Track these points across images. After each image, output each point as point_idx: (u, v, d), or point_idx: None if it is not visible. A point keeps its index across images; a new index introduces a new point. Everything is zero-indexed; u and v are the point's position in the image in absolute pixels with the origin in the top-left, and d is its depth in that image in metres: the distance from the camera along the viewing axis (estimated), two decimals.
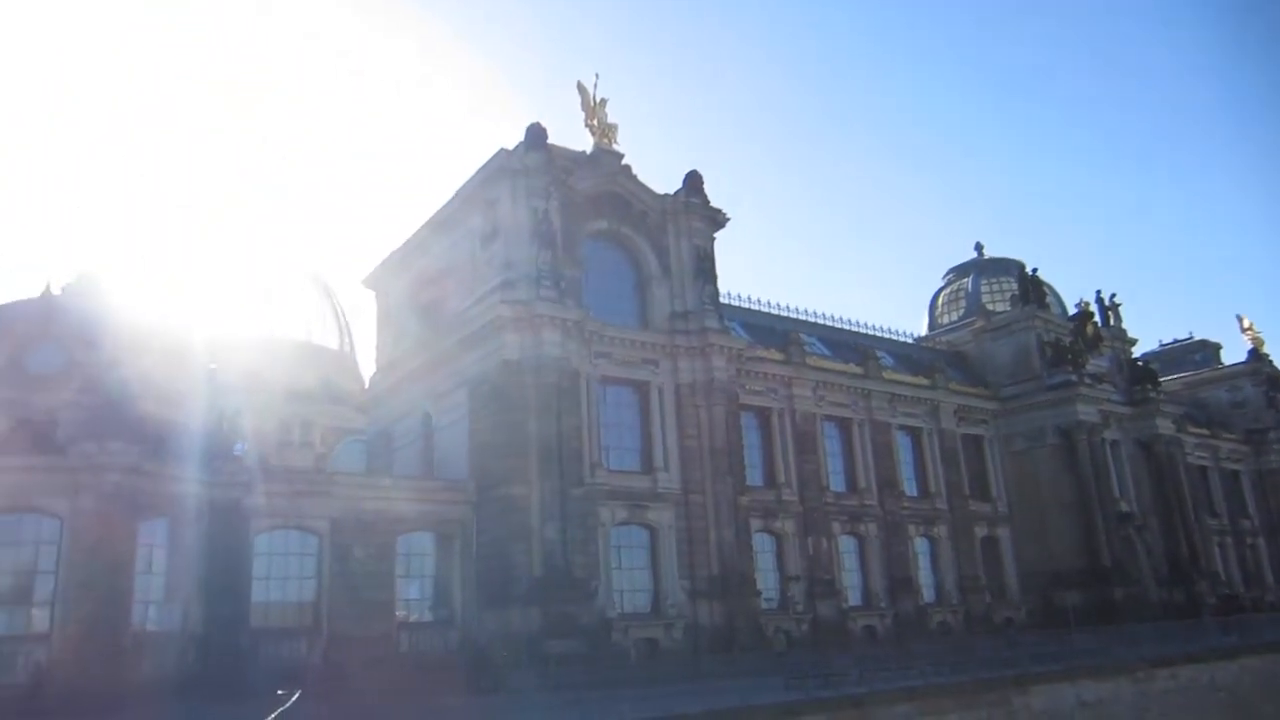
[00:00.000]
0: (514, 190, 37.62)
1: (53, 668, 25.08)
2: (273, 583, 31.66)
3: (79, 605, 25.63)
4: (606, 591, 35.35)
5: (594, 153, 41.39)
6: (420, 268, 44.35)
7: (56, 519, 26.34)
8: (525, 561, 33.32)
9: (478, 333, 36.79)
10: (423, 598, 35.11)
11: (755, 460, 43.90)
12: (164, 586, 28.46)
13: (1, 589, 26.12)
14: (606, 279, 40.41)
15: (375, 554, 33.07)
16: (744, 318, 48.19)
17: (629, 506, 37.15)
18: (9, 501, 26.14)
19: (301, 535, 32.46)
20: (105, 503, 26.54)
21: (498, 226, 38.14)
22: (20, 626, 25.87)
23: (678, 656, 35.05)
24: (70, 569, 25.92)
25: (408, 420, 43.26)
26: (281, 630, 31.41)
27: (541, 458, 34.37)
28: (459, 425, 38.33)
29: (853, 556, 46.22)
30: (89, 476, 26.55)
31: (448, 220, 41.94)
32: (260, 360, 52.79)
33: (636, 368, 39.31)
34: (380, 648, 31.90)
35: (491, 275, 37.68)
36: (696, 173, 43.34)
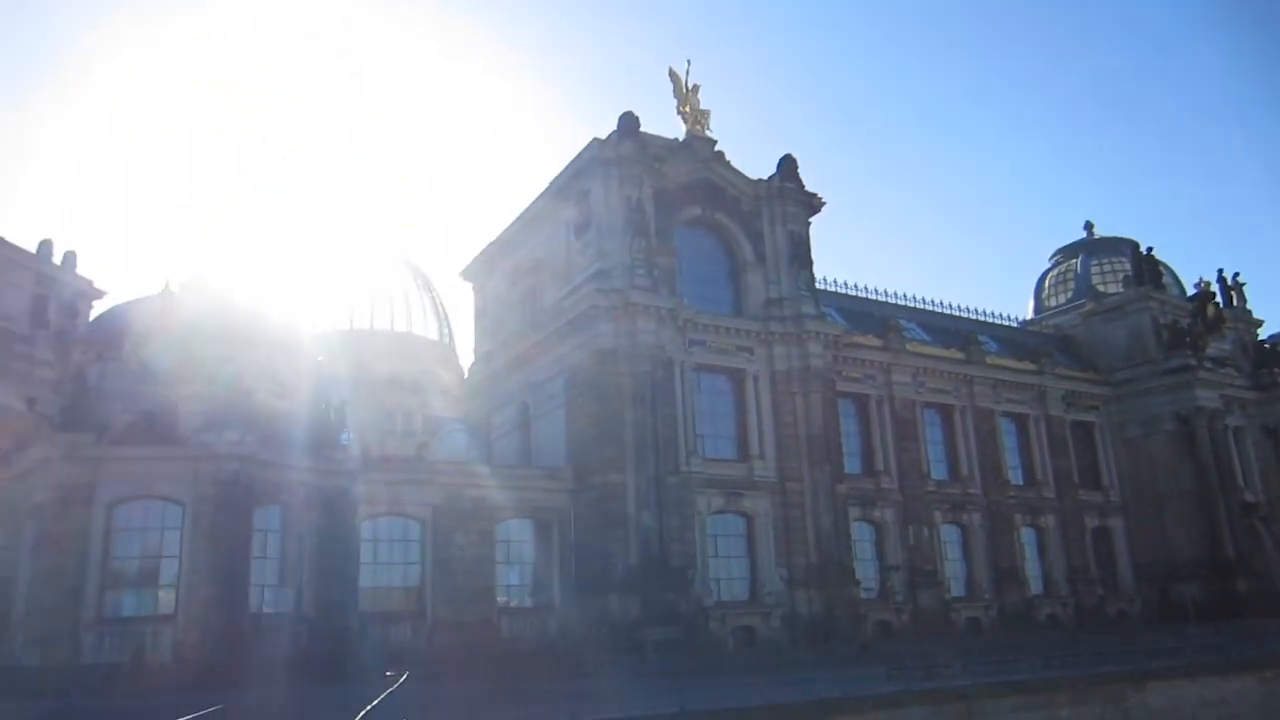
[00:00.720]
0: (607, 180, 37.75)
1: (178, 647, 26.44)
2: (379, 568, 32.70)
3: (201, 588, 26.91)
4: (703, 579, 35.32)
5: (686, 140, 41.20)
6: (516, 260, 44.96)
7: (179, 505, 27.68)
8: (622, 549, 33.55)
9: (573, 323, 37.11)
10: (522, 584, 35.71)
11: (853, 448, 43.16)
12: (277, 571, 29.60)
13: (130, 572, 27.60)
14: (700, 266, 40.25)
15: (476, 541, 33.78)
16: (840, 303, 47.36)
17: (725, 495, 36.98)
18: (136, 489, 27.59)
19: (405, 522, 33.41)
20: (223, 490, 27.78)
21: (591, 216, 38.35)
22: (148, 607, 27.31)
23: (775, 645, 34.84)
24: (192, 553, 27.23)
25: (506, 410, 44.00)
26: (388, 614, 32.43)
27: (637, 446, 34.51)
28: (556, 414, 38.79)
29: (955, 546, 45.05)
30: (208, 465, 27.82)
31: (541, 212, 42.39)
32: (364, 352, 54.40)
33: (731, 355, 39.03)
34: (481, 633, 32.60)
35: (585, 265, 37.93)
36: (791, 157, 42.71)
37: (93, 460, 27.16)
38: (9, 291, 41.70)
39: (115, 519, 27.26)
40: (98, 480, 27.08)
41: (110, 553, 27.07)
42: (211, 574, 27.10)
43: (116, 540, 27.22)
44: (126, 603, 27.24)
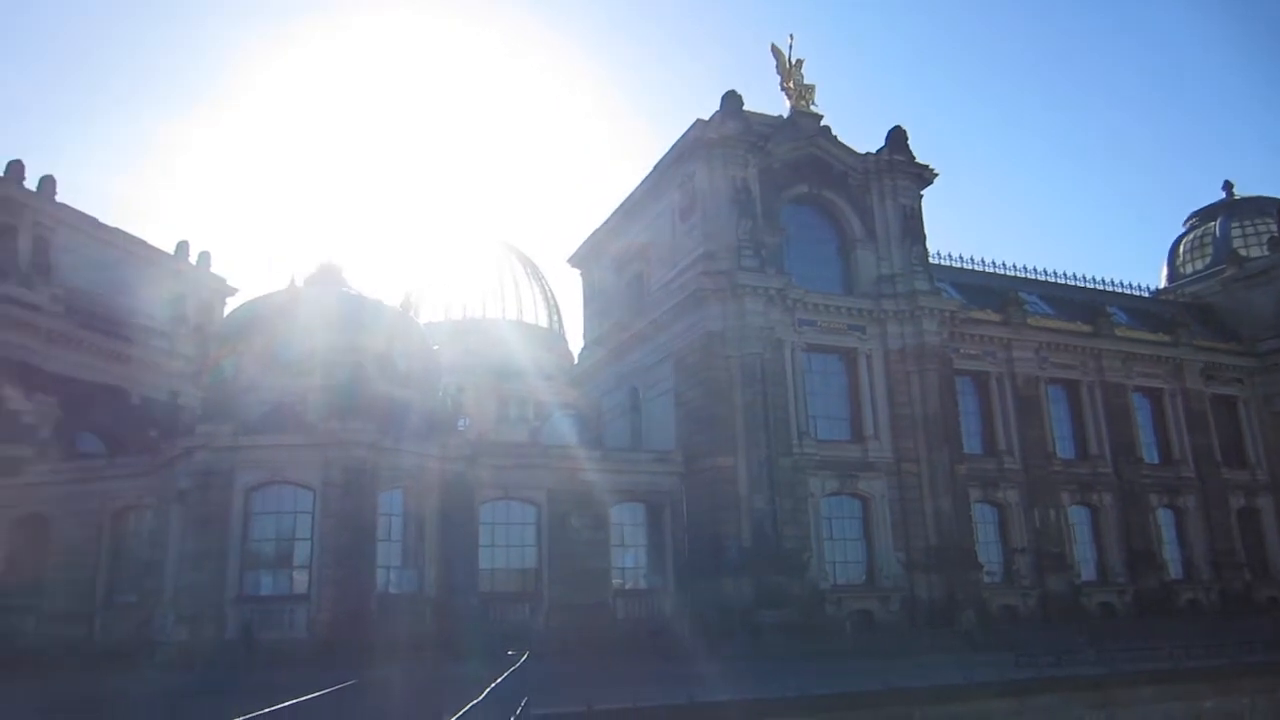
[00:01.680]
0: (710, 161, 37.44)
1: (311, 625, 27.79)
2: (497, 550, 33.52)
3: (331, 568, 28.20)
4: (818, 563, 34.87)
5: (791, 116, 40.47)
6: (622, 245, 45.17)
7: (310, 490, 29.04)
8: (734, 532, 33.42)
9: (680, 306, 37.04)
10: (636, 566, 36.02)
11: (973, 427, 41.75)
12: (401, 553, 30.74)
13: (267, 553, 29.16)
14: (808, 245, 39.53)
15: (590, 524, 34.22)
16: (956, 278, 45.78)
17: (839, 477, 36.35)
18: (270, 475, 29.09)
19: (521, 505, 34.12)
20: (349, 475, 29.00)
21: (696, 198, 38.14)
22: (284, 587, 28.83)
23: (894, 630, 34.14)
24: (323, 536, 28.55)
25: (616, 394, 44.36)
26: (506, 595, 33.26)
27: (748, 429, 34.27)
28: (665, 398, 38.87)
29: (1085, 528, 43.09)
30: (334, 452, 29.07)
31: (646, 197, 42.42)
32: (476, 340, 55.80)
33: (842, 334, 38.26)
34: (597, 614, 33.07)
35: (691, 248, 37.77)
36: (900, 128, 41.44)
37: (230, 449, 28.75)
38: (151, 290, 44.38)
39: (253, 503, 28.85)
40: (236, 467, 28.68)
41: (249, 535, 28.68)
42: (340, 556, 28.36)
43: (254, 523, 28.82)
44: (264, 582, 28.84)
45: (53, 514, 33.18)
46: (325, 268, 34.74)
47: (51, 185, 40.37)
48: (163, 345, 43.52)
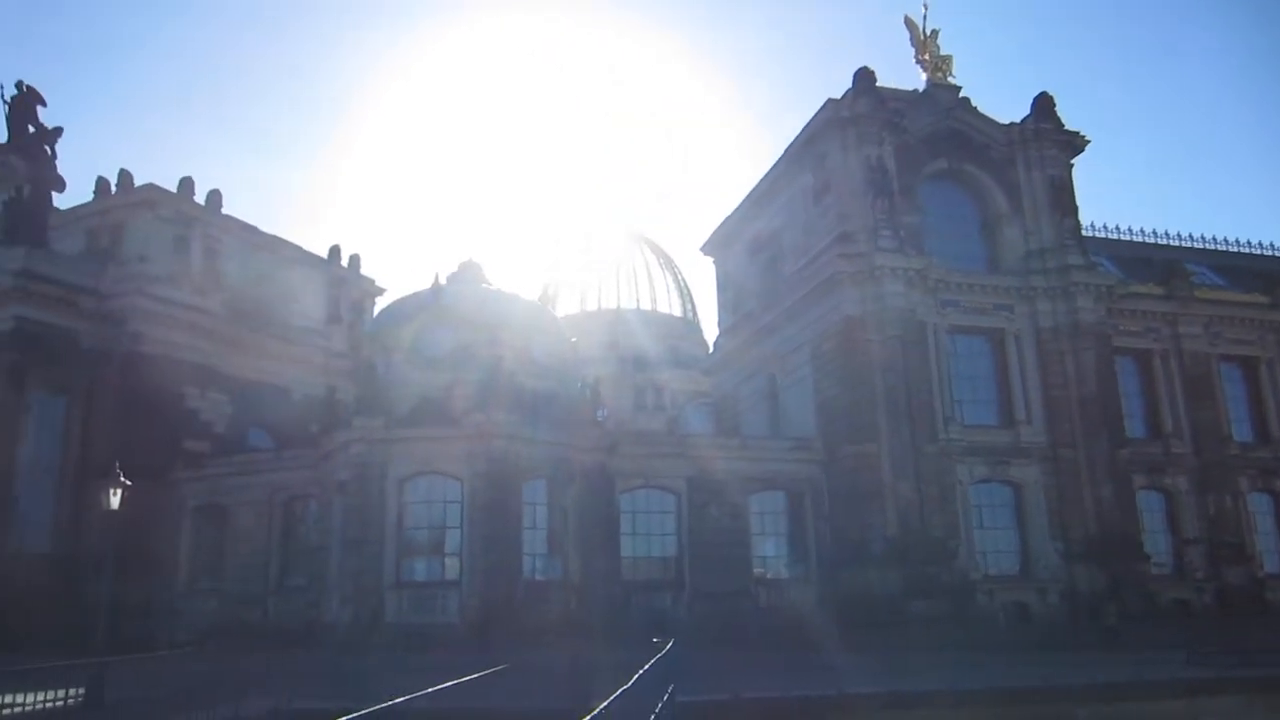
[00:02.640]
0: (844, 140, 36.54)
1: (463, 610, 28.90)
2: (638, 539, 33.88)
3: (481, 556, 29.23)
4: (969, 552, 33.61)
5: (927, 89, 39.03)
6: (754, 231, 44.73)
7: (458, 481, 30.17)
8: (879, 521, 32.64)
9: (816, 290, 36.37)
10: (777, 555, 35.68)
11: (1134, 409, 39.22)
12: (545, 541, 31.51)
13: (421, 541, 30.49)
14: (949, 222, 38.05)
15: (730, 512, 34.13)
16: (1113, 251, 43.06)
17: (989, 463, 34.89)
18: (421, 466, 30.37)
19: (661, 494, 34.35)
20: (494, 466, 29.95)
21: (829, 180, 37.33)
22: (437, 573, 30.09)
23: (1052, 623, 32.55)
24: (471, 524, 29.62)
25: (752, 381, 44.03)
26: (648, 582, 33.58)
27: (890, 414, 33.37)
28: (803, 384, 38.30)
29: (1268, 517, 39.81)
30: (479, 444, 30.07)
31: (778, 181, 41.84)
32: (612, 330, 56.55)
33: (988, 314, 36.64)
34: (739, 602, 32.97)
35: (826, 230, 37.01)
36: (1047, 94, 39.28)
37: (384, 441, 30.19)
38: (308, 293, 47.14)
39: (406, 493, 30.21)
40: (389, 459, 30.09)
41: (403, 524, 30.06)
42: (488, 543, 29.35)
43: (408, 513, 30.19)
44: (419, 569, 30.17)
45: (229, 504, 35.70)
46: (466, 265, 35.92)
47: (218, 198, 43.43)
48: (320, 344, 46.11)
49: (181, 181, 41.99)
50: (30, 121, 41.64)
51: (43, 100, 42.14)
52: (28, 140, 41.38)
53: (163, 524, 35.22)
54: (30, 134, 41.47)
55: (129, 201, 41.33)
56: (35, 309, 36.22)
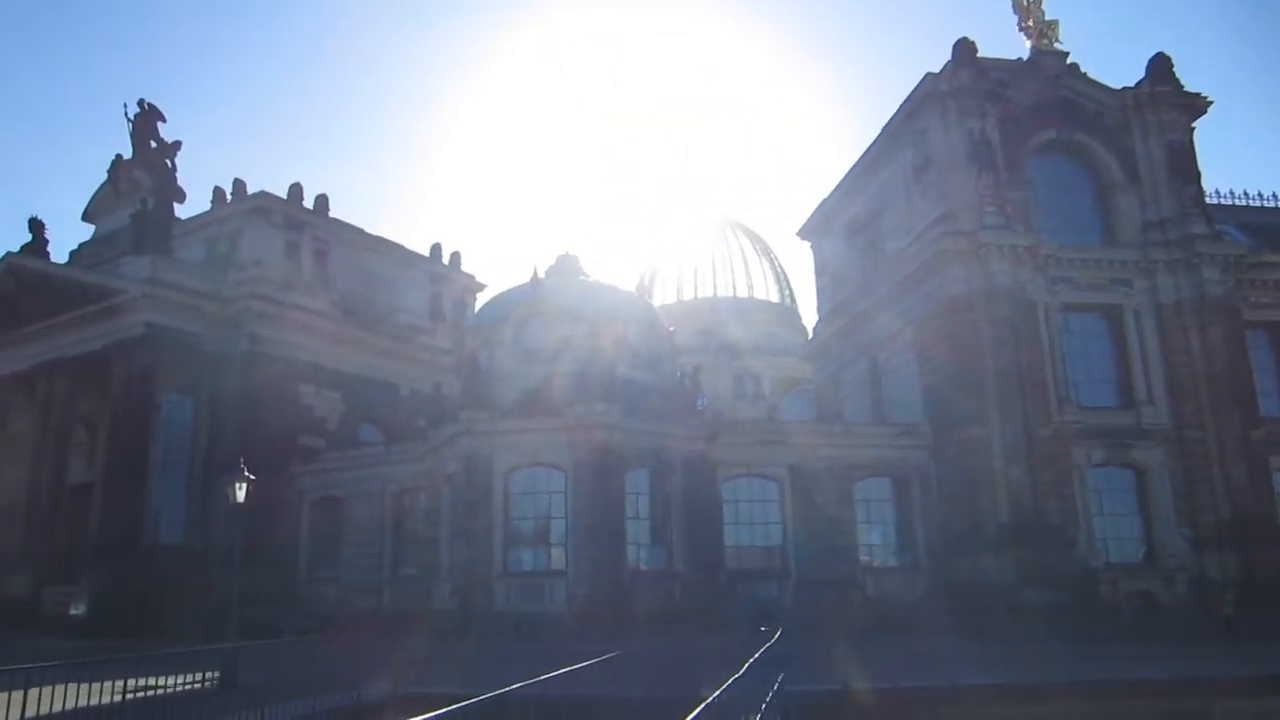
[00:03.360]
0: (944, 115, 35.36)
1: (570, 599, 29.30)
2: (741, 527, 33.69)
3: (585, 546, 29.57)
4: (1088, 540, 32.20)
5: (1032, 57, 37.39)
6: (853, 213, 43.81)
7: (562, 471, 30.57)
8: (990, 507, 31.58)
9: (919, 271, 35.38)
10: (884, 543, 34.97)
11: (1268, 385, 36.73)
12: (649, 530, 31.68)
13: (526, 531, 31.05)
14: (1059, 195, 36.39)
15: (834, 500, 33.59)
16: (1240, 218, 40.45)
17: (1108, 446, 33.31)
18: (525, 458, 30.88)
19: (763, 483, 34.05)
20: (596, 456, 30.23)
21: (930, 156, 36.21)
22: (543, 563, 30.59)
23: (1181, 614, 30.84)
24: (575, 515, 29.99)
25: (854, 367, 43.20)
26: (752, 571, 33.37)
27: (1000, 397, 32.22)
28: (907, 368, 37.35)
29: None
30: (581, 435, 30.40)
31: (876, 160, 40.84)
32: (709, 319, 56.34)
33: (1103, 290, 34.93)
34: (846, 591, 32.42)
35: (928, 209, 35.94)
36: (1164, 56, 37.12)
37: (489, 434, 30.81)
38: (411, 291, 48.51)
39: (511, 484, 30.79)
40: (495, 451, 30.71)
41: (510, 514, 30.65)
42: (592, 533, 29.66)
43: (514, 503, 30.77)
44: (525, 558, 30.74)
45: (344, 496, 37.09)
46: (563, 259, 36.30)
47: (325, 202, 45.07)
48: (425, 341, 47.42)
49: (291, 187, 43.77)
50: (152, 137, 44.02)
51: (162, 116, 44.49)
52: (150, 155, 43.76)
53: (283, 516, 36.88)
54: (152, 149, 43.84)
55: (243, 209, 43.29)
56: (162, 315, 38.30)
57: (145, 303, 37.84)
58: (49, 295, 41.60)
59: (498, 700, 7.47)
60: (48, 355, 40.87)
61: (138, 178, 43.88)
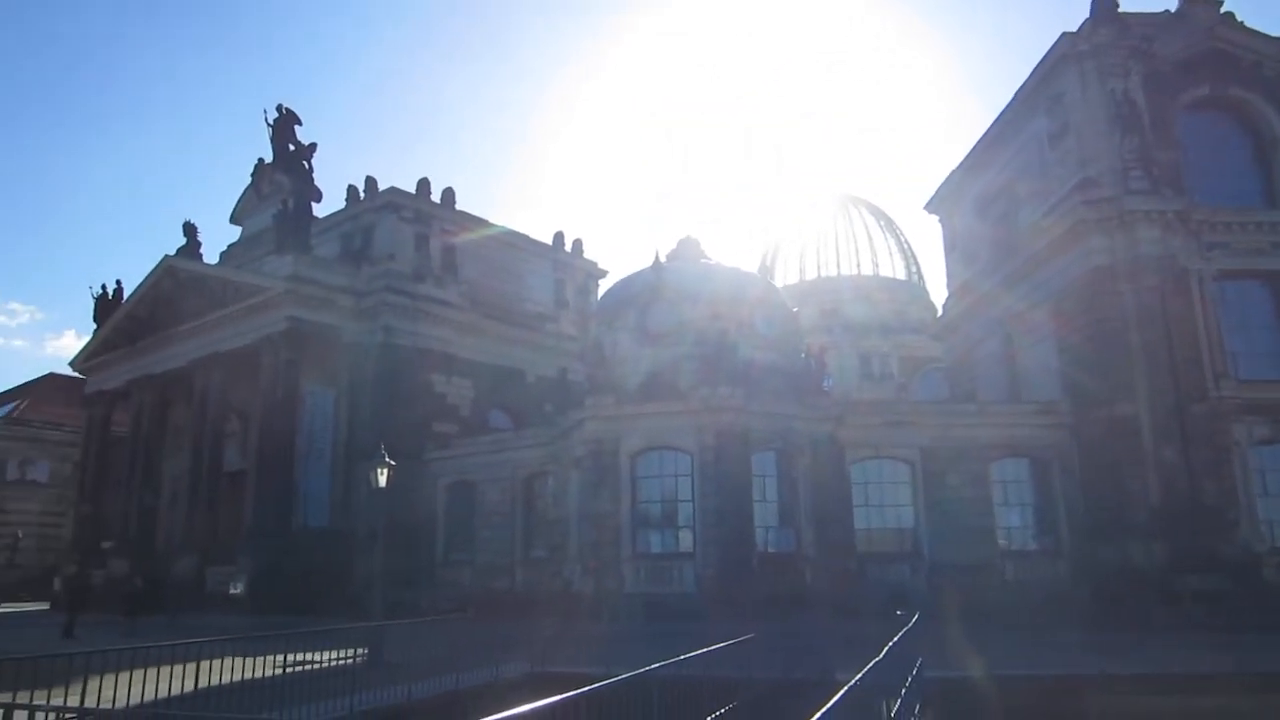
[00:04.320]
0: (1082, 76, 33.43)
1: (699, 581, 29.40)
2: (871, 510, 32.97)
3: (714, 529, 29.57)
4: (1250, 522, 30.02)
5: (1180, 9, 34.86)
6: (983, 184, 42.03)
7: (688, 454, 30.63)
8: (1140, 488, 29.84)
9: (1057, 242, 33.64)
10: (1024, 525, 33.58)
11: None
12: (777, 513, 31.42)
13: (654, 515, 31.27)
14: (1212, 155, 33.85)
15: (969, 481, 32.47)
16: None
17: (1273, 422, 30.91)
18: (651, 441, 31.04)
19: (893, 464, 33.23)
20: (722, 439, 30.15)
21: (1067, 121, 34.32)
22: (671, 545, 30.77)
23: None
24: (703, 497, 30.02)
25: (987, 344, 41.56)
26: (884, 555, 32.64)
27: (1148, 372, 30.35)
28: (1045, 344, 35.66)
29: None
30: (706, 418, 30.36)
31: (1008, 128, 39.02)
32: (834, 298, 55.28)
33: (1266, 256, 32.32)
34: (983, 575, 31.33)
35: (1065, 176, 34.10)
36: None
37: (615, 418, 31.16)
38: (536, 279, 49.52)
39: (638, 468, 31.05)
40: (620, 435, 31.03)
41: (637, 497, 30.94)
42: (720, 516, 29.63)
43: (641, 486, 31.03)
44: (654, 541, 30.98)
45: (476, 481, 38.27)
46: (684, 242, 36.25)
47: (451, 195, 46.46)
48: (549, 328, 48.36)
49: (419, 183, 45.30)
50: (290, 140, 46.30)
51: (299, 120, 46.70)
52: (289, 158, 46.07)
53: (420, 500, 38.35)
54: (290, 152, 46.13)
55: (375, 205, 45.11)
56: (304, 309, 40.36)
57: (288, 298, 39.94)
58: (203, 294, 44.48)
59: (637, 680, 7.53)
60: (203, 351, 43.70)
61: (278, 180, 46.31)
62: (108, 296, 51.21)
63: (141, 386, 47.65)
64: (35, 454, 74.60)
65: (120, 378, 49.27)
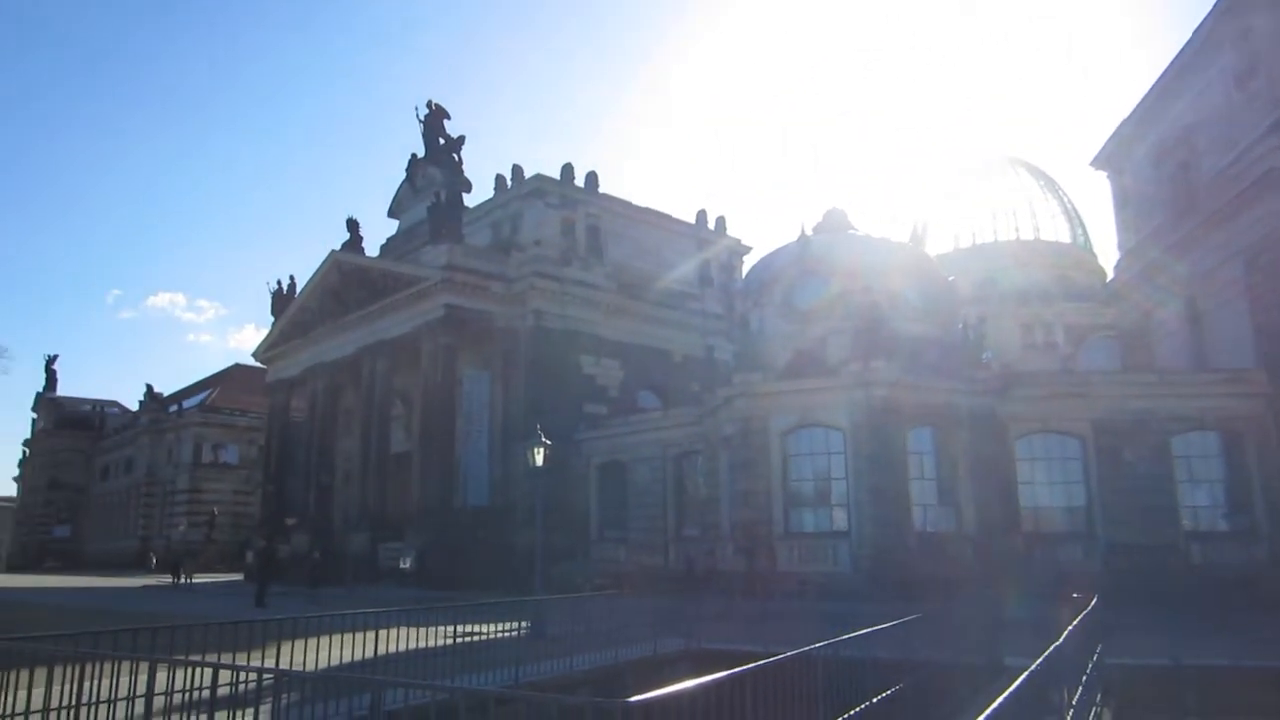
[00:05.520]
0: (1275, 5, 30.31)
1: (855, 560, 28.75)
2: (1038, 487, 31.23)
3: (869, 507, 28.81)
4: None
5: None
6: (1157, 134, 38.88)
7: (839, 431, 29.91)
8: None
9: (1249, 191, 30.69)
10: (1213, 505, 30.96)
11: None
12: (935, 491, 30.25)
13: (806, 493, 30.73)
14: None
15: (1148, 457, 30.24)
16: None
17: None
18: (801, 418, 30.46)
19: (1061, 439, 31.34)
20: (875, 415, 29.25)
21: (1256, 58, 31.21)
22: (825, 524, 30.16)
23: None
24: (856, 475, 29.26)
25: (1165, 308, 38.51)
26: (1053, 534, 30.87)
27: None
28: (1233, 305, 32.73)
29: None
30: (858, 393, 29.52)
31: (1185, 70, 35.88)
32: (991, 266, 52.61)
33: None
34: (1164, 557, 29.15)
35: (1255, 119, 31.04)
36: None
37: (763, 395, 30.77)
38: (680, 259, 49.48)
39: (788, 446, 30.57)
40: (770, 413, 30.62)
41: (788, 475, 30.48)
42: (874, 494, 28.83)
43: (791, 464, 30.55)
44: (807, 519, 30.46)
45: (627, 460, 38.76)
46: (830, 214, 35.33)
47: (595, 179, 47.00)
48: (695, 307, 48.28)
49: (563, 168, 46.05)
50: (441, 134, 47.98)
51: (448, 114, 48.31)
52: (440, 151, 47.77)
53: (573, 479, 39.21)
54: (441, 145, 47.81)
55: (522, 193, 46.22)
56: (459, 297, 41.87)
57: (444, 287, 41.52)
58: (366, 286, 46.86)
59: (801, 658, 7.34)
60: (368, 339, 46.13)
61: (430, 173, 48.13)
62: (282, 291, 54.81)
63: (315, 374, 50.77)
64: (225, 439, 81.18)
65: (296, 366, 52.69)
